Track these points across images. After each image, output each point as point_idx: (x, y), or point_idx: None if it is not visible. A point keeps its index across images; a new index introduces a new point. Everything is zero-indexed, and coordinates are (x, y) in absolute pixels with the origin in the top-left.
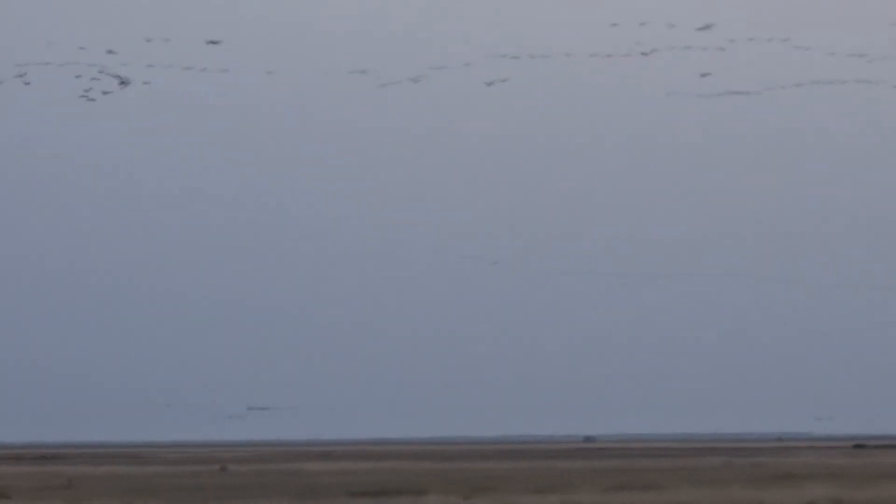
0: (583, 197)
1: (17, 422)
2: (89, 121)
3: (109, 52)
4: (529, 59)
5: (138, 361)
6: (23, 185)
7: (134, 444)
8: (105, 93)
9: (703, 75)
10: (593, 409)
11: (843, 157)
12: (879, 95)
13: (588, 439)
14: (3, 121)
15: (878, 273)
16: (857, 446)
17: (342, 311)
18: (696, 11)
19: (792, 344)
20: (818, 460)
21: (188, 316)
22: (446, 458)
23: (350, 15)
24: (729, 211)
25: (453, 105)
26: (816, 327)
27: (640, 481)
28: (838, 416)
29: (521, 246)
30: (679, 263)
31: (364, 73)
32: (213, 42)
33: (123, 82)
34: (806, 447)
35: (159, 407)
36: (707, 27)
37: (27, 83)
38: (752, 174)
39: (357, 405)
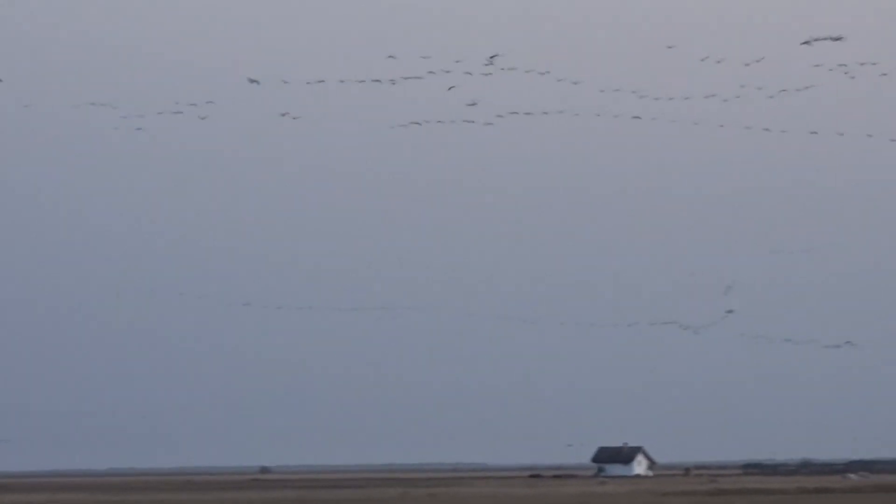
0: (352, 231)
1: None
2: None
3: None
4: (305, 84)
5: None
6: None
7: None
8: None
9: (470, 104)
10: (269, 439)
11: (613, 189)
12: (650, 131)
13: (264, 470)
14: None
15: (566, 305)
16: (533, 476)
17: (91, 347)
18: (483, 45)
19: (469, 375)
20: (494, 490)
21: None
22: (124, 490)
23: (107, 46)
24: (457, 244)
25: (219, 137)
26: (490, 358)
27: None
28: (515, 446)
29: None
30: (369, 296)
31: (109, 107)
32: None
33: None
34: (482, 477)
35: None
36: (491, 60)
37: None
38: (506, 203)
39: (69, 437)
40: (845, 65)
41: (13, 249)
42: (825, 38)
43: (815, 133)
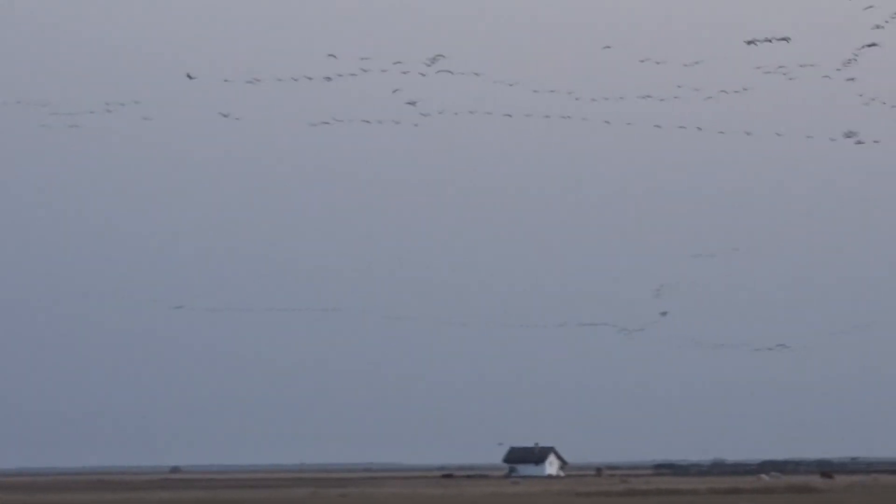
0: (271, 229)
1: None
2: None
3: None
4: (245, 84)
5: None
6: None
7: None
8: None
9: (410, 103)
10: (180, 438)
11: (545, 189)
12: (581, 132)
13: (174, 470)
14: None
15: (483, 306)
16: (445, 476)
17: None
18: (422, 46)
19: (382, 375)
20: (406, 490)
21: None
22: (35, 490)
23: (30, 45)
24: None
25: (154, 135)
26: (403, 358)
27: None
28: (427, 446)
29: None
30: (286, 297)
31: (39, 105)
32: None
33: None
34: (394, 478)
35: None
36: (434, 60)
37: None
38: (433, 202)
39: None
40: (785, 66)
41: None
42: (770, 39)
43: (751, 134)
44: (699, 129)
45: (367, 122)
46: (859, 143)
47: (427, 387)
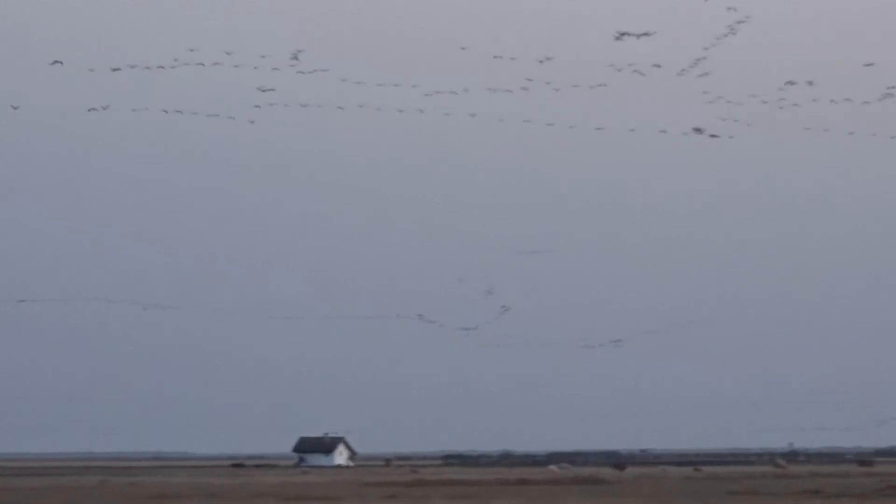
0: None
1: None
2: None
3: None
4: (136, 71)
5: None
6: None
7: None
8: None
9: (264, 90)
10: None
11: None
12: (422, 124)
13: None
14: None
15: (286, 298)
16: (235, 465)
17: None
18: (282, 43)
19: (172, 364)
20: (197, 479)
21: None
22: None
23: None
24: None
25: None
26: (193, 347)
27: (18, 500)
28: (217, 435)
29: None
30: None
31: None
32: None
33: None
34: (184, 466)
35: None
36: (296, 56)
37: None
38: (262, 194)
39: None
40: (636, 64)
41: None
42: (633, 35)
43: (602, 129)
44: (548, 123)
45: (196, 114)
46: (713, 136)
47: (217, 375)
